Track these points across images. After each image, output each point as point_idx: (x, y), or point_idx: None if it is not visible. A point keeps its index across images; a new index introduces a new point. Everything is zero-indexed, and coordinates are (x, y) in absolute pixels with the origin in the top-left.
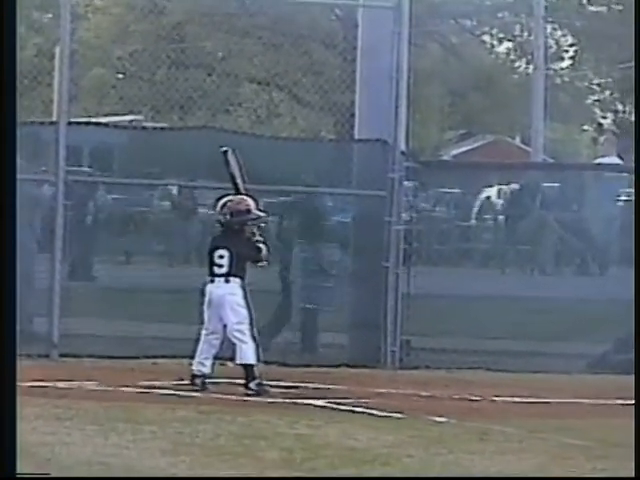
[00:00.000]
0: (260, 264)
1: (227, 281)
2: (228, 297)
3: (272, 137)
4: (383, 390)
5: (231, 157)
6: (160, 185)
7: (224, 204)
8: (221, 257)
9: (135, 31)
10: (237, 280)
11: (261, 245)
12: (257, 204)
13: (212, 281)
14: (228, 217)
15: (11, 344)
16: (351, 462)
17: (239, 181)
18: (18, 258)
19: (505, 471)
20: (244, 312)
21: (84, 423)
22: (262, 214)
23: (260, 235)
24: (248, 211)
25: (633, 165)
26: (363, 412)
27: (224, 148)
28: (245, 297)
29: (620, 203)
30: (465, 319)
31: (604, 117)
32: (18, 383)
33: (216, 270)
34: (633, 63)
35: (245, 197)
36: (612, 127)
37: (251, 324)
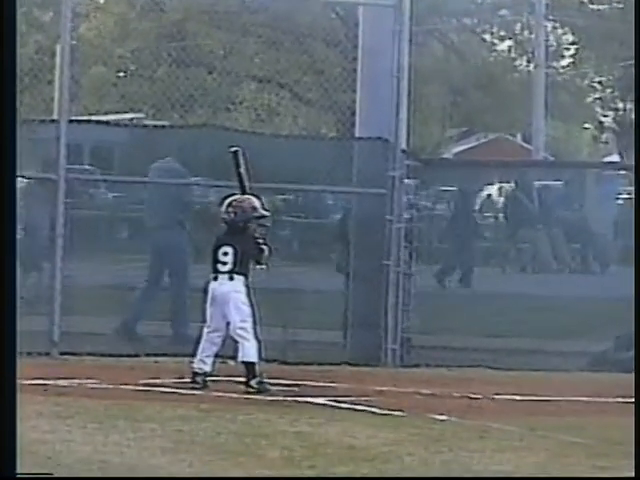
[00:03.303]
0: (259, 266)
1: (231, 278)
2: (232, 294)
3: (273, 135)
4: (384, 388)
5: (240, 157)
6: (160, 183)
7: (229, 203)
8: (225, 254)
9: (136, 29)
10: (241, 278)
11: (263, 247)
12: (262, 204)
13: (215, 278)
14: (232, 216)
15: (11, 343)
16: (351, 460)
17: (246, 181)
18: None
19: (505, 469)
20: (248, 310)
21: (85, 421)
22: (266, 213)
23: (263, 236)
24: (253, 209)
25: (633, 163)
26: (363, 410)
27: (234, 148)
28: (248, 295)
29: (620, 201)
30: (466, 317)
31: (605, 115)
32: (19, 381)
33: (220, 267)
34: (633, 61)
35: (250, 196)
36: (613, 125)
37: (254, 322)
